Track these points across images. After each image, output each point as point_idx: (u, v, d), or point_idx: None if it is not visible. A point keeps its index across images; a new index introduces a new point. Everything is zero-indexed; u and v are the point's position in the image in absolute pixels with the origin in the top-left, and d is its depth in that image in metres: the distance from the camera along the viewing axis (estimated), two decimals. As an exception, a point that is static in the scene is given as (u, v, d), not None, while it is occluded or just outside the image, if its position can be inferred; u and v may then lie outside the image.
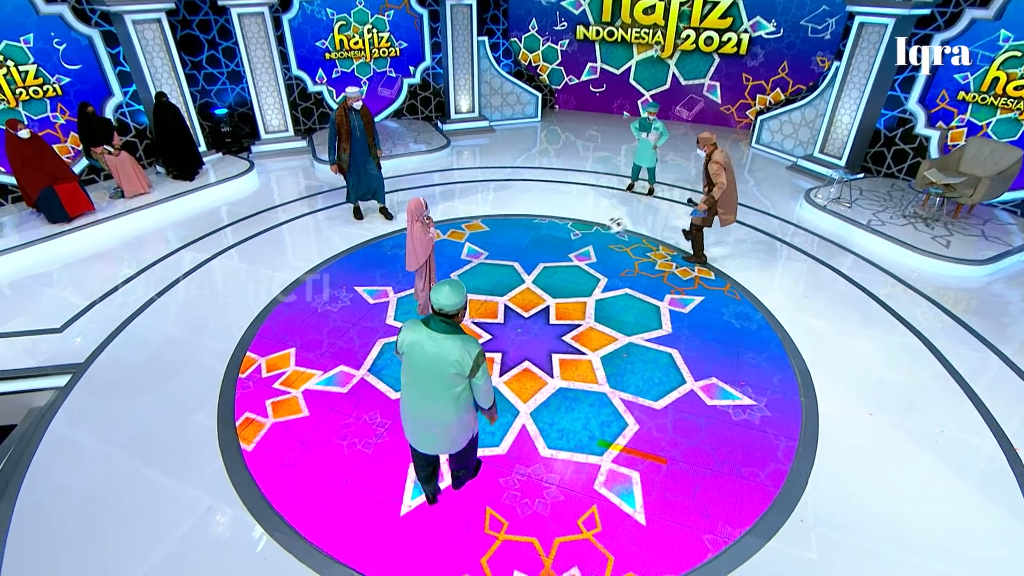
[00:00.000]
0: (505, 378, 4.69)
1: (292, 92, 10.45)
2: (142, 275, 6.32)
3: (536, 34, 12.32)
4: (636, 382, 4.67)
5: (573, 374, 4.75)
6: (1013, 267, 6.63)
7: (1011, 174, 6.93)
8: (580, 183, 9.03)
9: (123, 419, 4.32)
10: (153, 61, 8.30)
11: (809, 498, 3.65)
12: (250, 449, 4.03)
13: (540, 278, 6.17)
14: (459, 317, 2.85)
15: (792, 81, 10.99)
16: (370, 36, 10.67)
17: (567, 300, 5.79)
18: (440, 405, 2.92)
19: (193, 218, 7.77)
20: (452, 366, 2.76)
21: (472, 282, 6.08)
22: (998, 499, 3.70)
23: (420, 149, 10.02)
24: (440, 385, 2.85)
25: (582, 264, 6.51)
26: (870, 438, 4.17)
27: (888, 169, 9.04)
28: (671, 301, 5.79)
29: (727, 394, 4.55)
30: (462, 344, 2.76)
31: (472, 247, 6.87)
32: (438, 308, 2.77)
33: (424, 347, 2.79)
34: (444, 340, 2.76)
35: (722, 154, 5.60)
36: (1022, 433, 4.21)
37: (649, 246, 6.93)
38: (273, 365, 4.86)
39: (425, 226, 4.87)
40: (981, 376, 4.82)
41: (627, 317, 5.51)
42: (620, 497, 3.64)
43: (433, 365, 2.80)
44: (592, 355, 4.98)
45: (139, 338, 5.27)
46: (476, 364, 2.78)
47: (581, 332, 5.29)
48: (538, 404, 4.42)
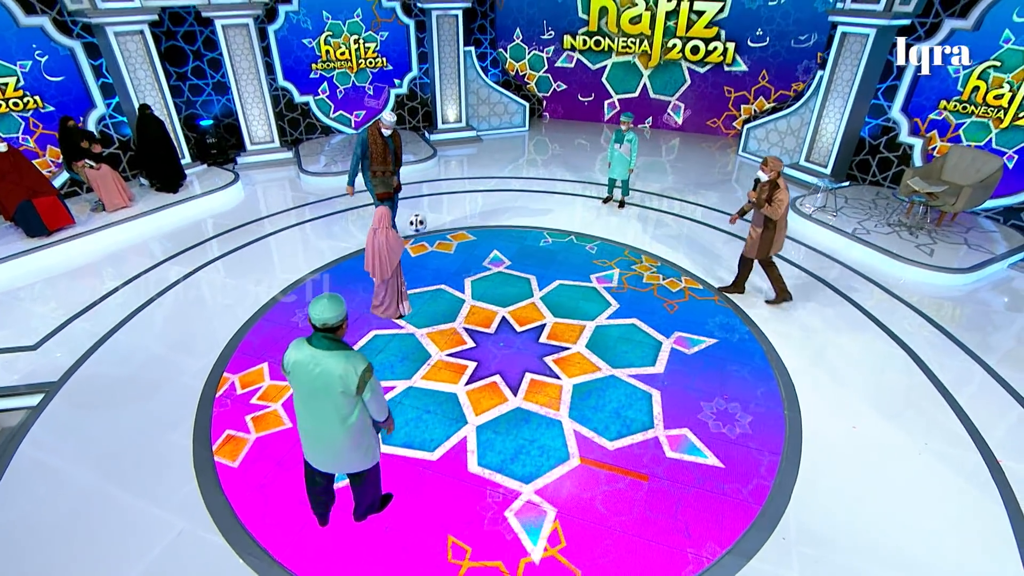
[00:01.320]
0: (469, 388, 4.64)
1: (278, 103, 10.41)
2: (122, 290, 6.23)
3: (522, 43, 12.35)
4: (599, 418, 4.39)
5: (538, 397, 4.62)
6: (996, 275, 6.66)
7: (992, 182, 6.97)
8: (567, 192, 9.02)
9: (96, 439, 4.23)
10: (136, 73, 8.24)
11: (791, 514, 3.61)
12: (236, 466, 3.97)
13: (551, 295, 6.06)
14: (341, 331, 2.73)
15: (774, 88, 11.08)
16: (356, 47, 10.66)
17: (566, 321, 5.62)
18: (330, 425, 2.80)
19: (176, 231, 7.69)
20: (337, 384, 2.65)
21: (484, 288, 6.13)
22: (981, 513, 3.67)
23: (407, 159, 9.98)
24: (328, 405, 2.74)
25: (600, 287, 6.25)
26: (854, 452, 4.14)
27: (873, 177, 9.09)
28: (677, 340, 5.34)
29: (694, 450, 4.10)
30: (346, 361, 2.64)
31: (497, 254, 6.90)
32: (319, 323, 2.64)
33: (308, 367, 2.67)
34: (327, 358, 2.64)
35: (784, 182, 5.32)
36: (1005, 445, 4.19)
37: (632, 258, 6.90)
38: (247, 381, 4.78)
39: (395, 233, 4.96)
40: (964, 387, 4.81)
41: (621, 347, 5.21)
42: (527, 532, 3.48)
43: (318, 384, 2.68)
44: (566, 381, 4.79)
45: (116, 355, 5.18)
46: (362, 381, 2.67)
47: (566, 356, 5.11)
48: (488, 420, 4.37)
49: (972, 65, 7.47)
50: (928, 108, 8.20)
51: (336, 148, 10.51)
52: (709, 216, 8.24)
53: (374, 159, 6.32)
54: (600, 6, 11.60)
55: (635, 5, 11.35)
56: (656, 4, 11.19)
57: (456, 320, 5.63)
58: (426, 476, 3.88)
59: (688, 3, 10.96)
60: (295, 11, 9.96)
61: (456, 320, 5.63)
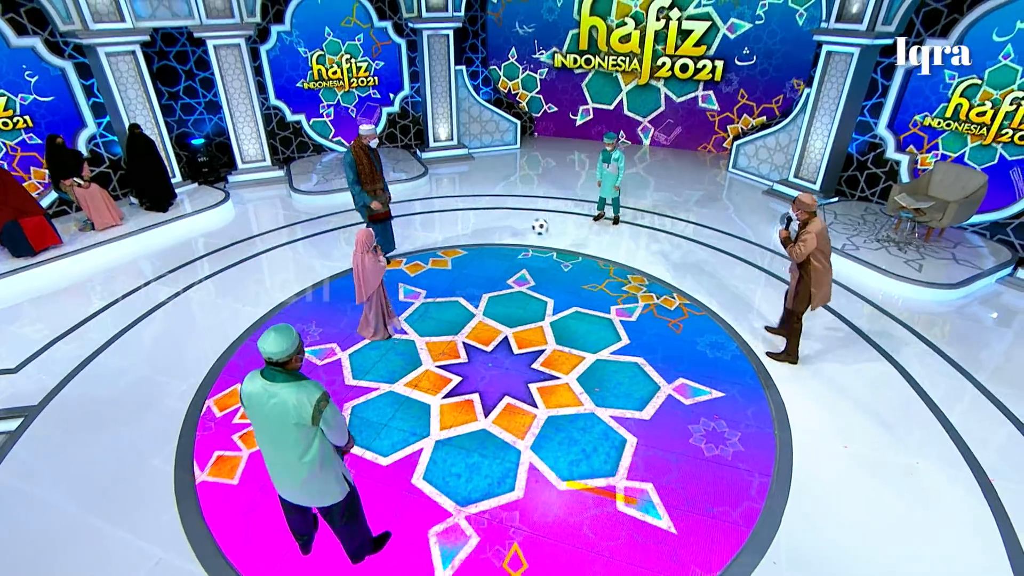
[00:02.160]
0: (491, 418, 4.56)
1: (270, 122, 10.45)
2: (109, 310, 6.17)
3: (516, 63, 12.49)
4: (617, 396, 4.73)
5: (556, 400, 4.70)
6: (984, 290, 6.69)
7: (977, 198, 7.04)
8: (558, 210, 9.04)
9: (74, 466, 4.14)
10: (127, 93, 8.26)
11: (782, 538, 3.55)
12: (235, 483, 3.96)
13: (489, 309, 6.08)
14: (292, 364, 2.60)
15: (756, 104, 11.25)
16: (348, 66, 10.74)
17: (523, 328, 5.73)
18: (290, 457, 2.69)
19: (166, 250, 7.65)
20: (292, 415, 2.55)
21: (424, 323, 5.86)
22: (975, 535, 3.63)
23: (399, 178, 10.02)
24: (286, 437, 2.64)
25: (523, 289, 6.49)
26: (845, 472, 4.10)
27: (862, 192, 9.16)
28: (617, 312, 5.99)
29: (698, 391, 4.84)
30: (297, 391, 2.55)
31: (408, 287, 6.54)
32: (266, 357, 2.54)
33: (261, 399, 2.59)
34: (280, 390, 2.55)
35: (820, 225, 4.62)
36: (997, 464, 4.16)
37: (617, 278, 6.89)
38: (225, 404, 4.71)
39: (376, 256, 4.94)
40: (956, 404, 4.78)
41: (585, 335, 5.59)
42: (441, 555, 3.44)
43: (273, 417, 2.60)
44: (567, 377, 4.98)
45: (99, 377, 5.11)
46: (317, 411, 2.56)
47: (548, 357, 5.27)
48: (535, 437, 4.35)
49: (953, 84, 7.60)
50: (914, 125, 8.30)
51: (328, 166, 10.53)
52: (700, 233, 8.27)
53: (363, 179, 6.09)
54: (590, 25, 11.76)
55: (625, 24, 11.51)
56: (645, 23, 11.35)
57: (459, 334, 5.63)
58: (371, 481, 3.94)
59: (677, 23, 11.11)
60: (287, 31, 10.04)
61: (459, 334, 5.63)
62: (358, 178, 6.03)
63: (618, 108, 12.61)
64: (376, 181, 6.19)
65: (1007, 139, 7.30)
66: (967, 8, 7.34)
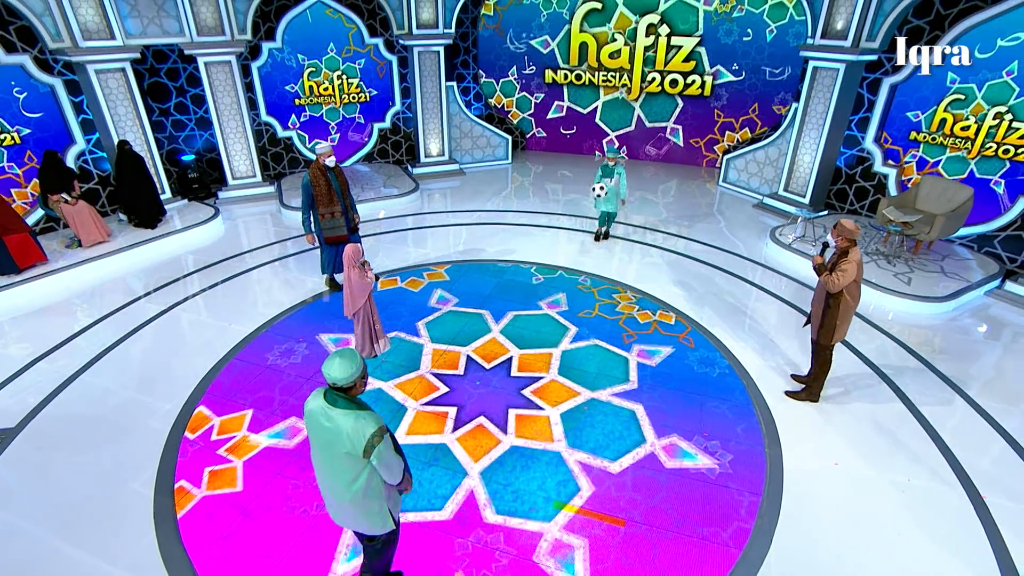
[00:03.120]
0: (457, 434, 4.50)
1: (261, 138, 10.45)
2: (93, 328, 6.08)
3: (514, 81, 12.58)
4: (595, 440, 4.45)
5: (529, 431, 4.55)
6: (973, 302, 6.70)
7: (963, 211, 7.08)
8: (550, 226, 9.04)
9: (50, 491, 4.04)
10: (117, 109, 8.24)
11: (773, 559, 3.49)
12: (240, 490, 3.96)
13: (509, 327, 6.01)
14: (355, 390, 2.60)
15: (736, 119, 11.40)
16: (340, 82, 10.79)
17: (532, 351, 5.60)
18: (336, 482, 2.67)
19: (154, 267, 7.58)
20: (344, 443, 2.51)
21: (440, 329, 5.94)
22: (966, 551, 3.58)
23: (391, 193, 10.01)
24: (335, 463, 2.61)
25: (552, 312, 6.34)
26: (836, 490, 4.05)
27: (851, 206, 9.22)
28: (639, 353, 5.57)
29: (687, 454, 4.31)
30: (354, 421, 2.50)
31: (443, 293, 6.73)
32: (330, 381, 2.53)
33: (320, 420, 2.57)
34: (338, 416, 2.52)
35: (859, 255, 4.34)
36: (989, 480, 4.12)
37: (605, 299, 6.88)
38: (225, 428, 4.63)
39: (362, 271, 4.90)
40: (947, 419, 4.76)
41: (591, 368, 5.31)
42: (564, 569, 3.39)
43: (327, 439, 2.58)
44: (551, 411, 4.77)
45: (81, 397, 5.02)
46: (369, 445, 2.50)
47: (542, 385, 5.10)
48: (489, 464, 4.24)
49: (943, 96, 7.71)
50: (899, 139, 8.39)
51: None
52: (690, 247, 8.28)
53: (319, 201, 5.94)
54: (580, 42, 11.87)
55: (614, 40, 11.63)
56: (635, 39, 11.47)
57: (468, 346, 5.62)
58: (443, 538, 3.63)
59: (666, 39, 11.24)
60: (279, 48, 10.09)
61: (468, 346, 5.62)
62: (312, 202, 5.96)
63: (591, 114, 12.70)
64: (333, 203, 6.03)
65: (991, 152, 7.38)
66: (948, 25, 7.46)
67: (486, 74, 12.47)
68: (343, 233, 6.21)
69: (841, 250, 4.35)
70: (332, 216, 6.12)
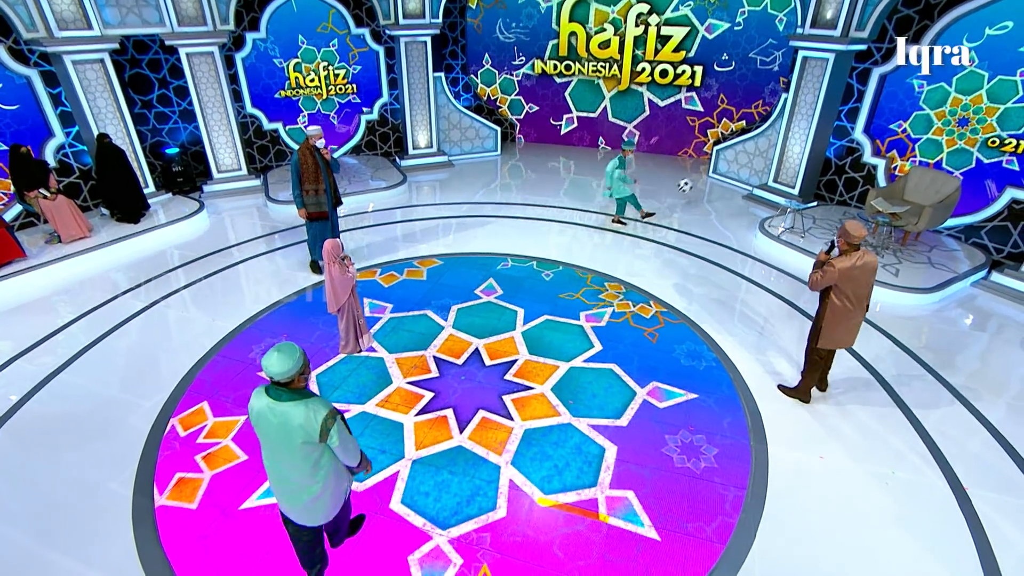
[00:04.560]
0: (467, 433, 4.45)
1: (247, 130, 10.29)
2: (73, 325, 5.98)
3: (491, 68, 12.43)
4: (593, 405, 4.69)
5: (532, 412, 4.62)
6: (960, 293, 6.72)
7: (951, 202, 7.08)
8: (540, 218, 8.98)
9: (26, 492, 3.97)
10: (96, 102, 8.07)
11: (756, 554, 3.48)
12: (195, 507, 3.80)
13: (458, 320, 5.99)
14: (297, 382, 2.57)
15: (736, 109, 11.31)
16: (326, 73, 10.63)
17: (494, 339, 5.65)
18: (298, 476, 2.67)
19: (137, 262, 7.46)
20: (298, 435, 2.52)
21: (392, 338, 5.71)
22: (949, 546, 3.59)
23: (379, 185, 9.90)
24: (294, 455, 2.60)
25: (491, 298, 6.42)
26: (821, 483, 4.05)
27: (840, 197, 9.20)
28: (587, 317, 5.96)
29: (671, 394, 4.86)
30: (305, 410, 2.51)
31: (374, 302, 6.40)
32: (271, 376, 2.50)
33: (268, 418, 2.55)
34: (287, 408, 2.52)
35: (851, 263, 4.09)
36: (972, 472, 4.13)
37: (595, 286, 6.84)
38: (189, 423, 4.58)
39: (343, 266, 4.83)
40: (931, 411, 4.77)
41: (557, 343, 5.53)
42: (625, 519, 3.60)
43: (280, 435, 2.56)
44: (542, 387, 4.91)
45: (60, 395, 4.94)
46: (324, 428, 2.53)
47: (521, 367, 5.20)
48: (426, 455, 4.23)
49: (923, 91, 7.67)
50: (889, 130, 8.36)
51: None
52: (680, 239, 8.24)
53: (305, 178, 6.37)
54: (569, 31, 11.75)
55: (604, 30, 11.51)
56: (624, 29, 11.36)
57: (429, 348, 5.52)
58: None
59: (656, 29, 11.14)
60: (263, 38, 9.91)
61: (429, 348, 5.52)
62: (300, 180, 6.39)
63: (602, 115, 12.60)
64: (319, 181, 6.45)
65: (975, 142, 7.38)
66: (937, 15, 7.41)
67: (474, 65, 12.32)
68: (325, 210, 6.62)
69: (841, 252, 4.21)
70: (316, 193, 6.48)
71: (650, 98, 12.05)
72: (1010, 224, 7.25)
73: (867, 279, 4.17)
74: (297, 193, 6.42)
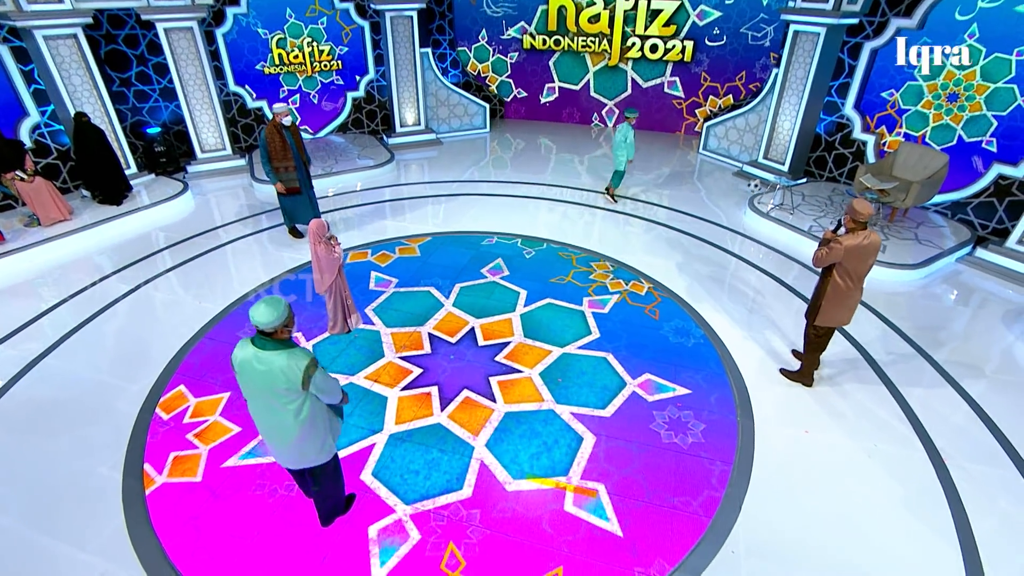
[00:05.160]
0: (448, 412, 4.47)
1: (230, 109, 10.06)
2: (56, 310, 5.90)
3: (486, 45, 12.20)
4: (580, 393, 4.62)
5: (516, 395, 4.61)
6: (945, 269, 6.78)
7: (939, 178, 7.09)
8: (530, 196, 8.91)
9: (12, 477, 3.95)
10: (71, 79, 7.83)
11: (741, 526, 3.56)
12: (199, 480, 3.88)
13: (460, 299, 5.98)
14: (281, 333, 2.76)
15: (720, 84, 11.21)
16: (310, 49, 10.37)
17: (492, 319, 5.63)
18: (281, 421, 2.88)
19: (120, 245, 7.34)
20: (280, 381, 2.73)
21: (391, 312, 5.76)
22: (925, 514, 3.68)
23: (367, 164, 9.76)
24: (276, 401, 2.82)
25: (497, 279, 6.38)
26: (805, 457, 4.12)
27: (830, 173, 9.20)
28: (590, 304, 5.87)
29: (663, 387, 4.73)
30: (288, 358, 2.72)
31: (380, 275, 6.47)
32: (257, 326, 2.70)
33: (253, 365, 2.74)
34: (270, 357, 2.72)
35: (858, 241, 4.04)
36: (952, 445, 4.22)
37: (581, 267, 6.83)
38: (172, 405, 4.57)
39: (329, 246, 4.79)
40: (915, 386, 4.84)
41: (554, 327, 5.47)
42: (380, 552, 3.42)
43: (264, 383, 2.77)
44: (530, 371, 4.88)
45: (45, 380, 4.89)
46: (306, 376, 2.75)
47: (513, 349, 5.17)
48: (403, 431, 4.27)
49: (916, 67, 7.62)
50: (879, 105, 8.32)
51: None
52: (669, 216, 8.23)
53: (274, 156, 6.57)
54: (559, 5, 11.51)
55: (593, 4, 11.29)
56: (615, 3, 11.15)
57: (426, 324, 5.54)
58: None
59: (646, 2, 10.94)
60: (244, 13, 9.63)
61: (426, 324, 5.54)
62: (269, 157, 6.57)
63: (584, 89, 12.46)
64: (287, 158, 6.65)
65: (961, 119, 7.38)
66: (929, -13, 7.33)
67: (463, 40, 12.08)
68: (296, 185, 6.87)
69: (848, 230, 4.15)
70: (286, 170, 6.73)
71: (634, 77, 11.94)
72: (996, 200, 7.29)
73: (869, 258, 4.17)
74: (268, 170, 6.66)
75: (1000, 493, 3.84)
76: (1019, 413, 4.53)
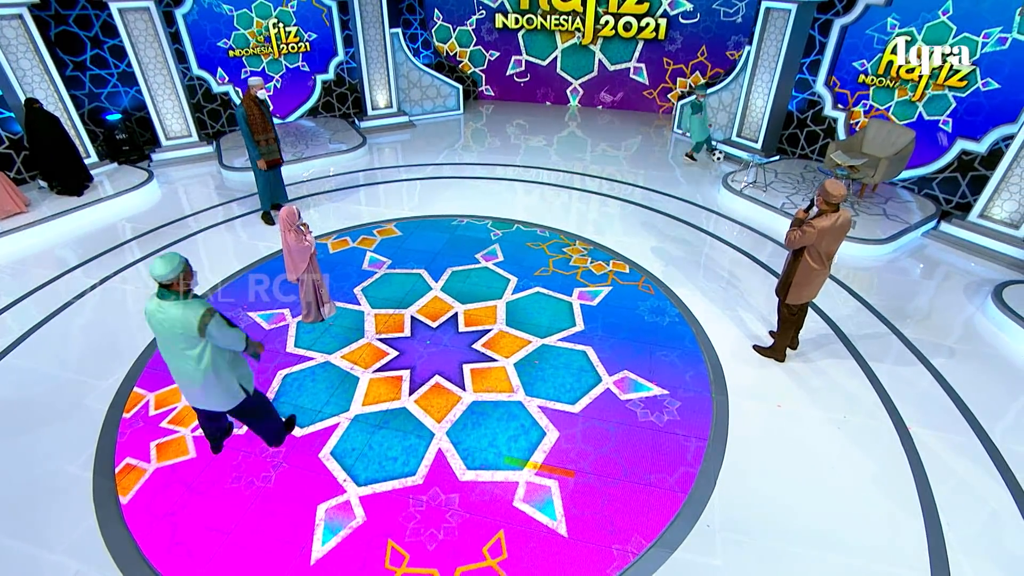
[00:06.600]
0: (415, 397, 4.47)
1: (195, 94, 9.72)
2: (15, 307, 5.69)
3: (443, 23, 11.96)
4: (552, 386, 4.56)
5: (485, 384, 4.58)
6: (912, 243, 6.95)
7: (906, 154, 7.22)
8: (506, 178, 8.84)
9: (-21, 479, 3.84)
10: (19, 63, 7.46)
11: (716, 501, 3.64)
12: (125, 501, 3.67)
13: (449, 284, 5.95)
14: (179, 286, 3.02)
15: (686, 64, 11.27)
16: (276, 31, 10.03)
17: (477, 305, 5.61)
18: (187, 365, 3.18)
19: (82, 237, 7.09)
20: (178, 327, 3.03)
21: (378, 293, 5.79)
22: (890, 480, 3.82)
23: (339, 148, 9.55)
24: (177, 347, 3.13)
25: (490, 264, 6.35)
26: (778, 431, 4.22)
27: (802, 150, 9.30)
28: (580, 295, 5.76)
29: (639, 386, 4.58)
30: (184, 308, 3.02)
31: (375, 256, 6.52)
32: (155, 278, 2.96)
33: (156, 315, 3.05)
34: (169, 307, 3.02)
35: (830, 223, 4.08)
36: (917, 415, 4.36)
37: (567, 241, 6.84)
38: (163, 400, 4.47)
39: (300, 234, 4.72)
40: (883, 359, 4.97)
41: (540, 318, 5.39)
42: (540, 511, 3.55)
43: (164, 330, 3.08)
44: (505, 361, 4.84)
45: (8, 379, 4.73)
46: (202, 324, 3.03)
47: (492, 338, 5.15)
48: (453, 422, 4.24)
49: (889, 38, 7.69)
50: (849, 81, 8.41)
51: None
52: (644, 196, 8.25)
53: (255, 129, 6.49)
54: (532, -17, 11.32)
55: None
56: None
57: (410, 307, 5.56)
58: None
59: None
60: (204, -8, 9.25)
61: (410, 307, 5.56)
62: (251, 130, 6.48)
63: (551, 65, 12.36)
64: (268, 130, 6.65)
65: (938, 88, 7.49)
66: (898, -38, 7.37)
67: (432, 21, 11.82)
68: (277, 156, 6.86)
69: (821, 211, 4.15)
70: (268, 142, 6.68)
71: (601, 59, 11.89)
72: (959, 175, 7.46)
73: (841, 237, 4.22)
74: (251, 144, 6.55)
75: (958, 457, 4.00)
76: (977, 381, 4.70)
